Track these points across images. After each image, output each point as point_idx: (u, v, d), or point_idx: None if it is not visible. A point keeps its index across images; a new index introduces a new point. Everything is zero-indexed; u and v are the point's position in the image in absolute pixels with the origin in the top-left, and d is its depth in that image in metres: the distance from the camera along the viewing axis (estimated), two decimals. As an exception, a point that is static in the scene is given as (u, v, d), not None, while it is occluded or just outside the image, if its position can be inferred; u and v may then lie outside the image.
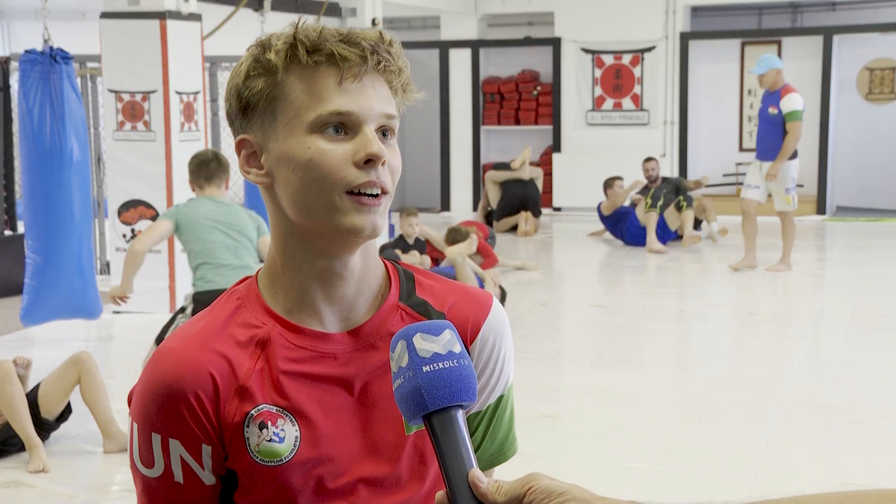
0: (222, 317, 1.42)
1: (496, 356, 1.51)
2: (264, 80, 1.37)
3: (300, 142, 1.35)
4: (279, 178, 1.38)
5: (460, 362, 1.23)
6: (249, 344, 1.39)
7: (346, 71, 1.35)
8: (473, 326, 1.48)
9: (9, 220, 9.50)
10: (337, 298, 1.42)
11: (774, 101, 8.99)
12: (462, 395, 1.21)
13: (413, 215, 9.23)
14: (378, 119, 1.37)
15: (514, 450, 1.58)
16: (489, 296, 1.54)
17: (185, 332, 1.41)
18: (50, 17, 7.10)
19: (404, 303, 1.46)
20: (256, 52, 1.38)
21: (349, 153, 1.34)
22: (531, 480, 1.17)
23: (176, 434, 1.37)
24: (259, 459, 1.36)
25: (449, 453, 1.19)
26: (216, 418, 1.36)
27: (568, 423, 5.49)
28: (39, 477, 4.78)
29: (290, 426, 1.37)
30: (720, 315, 8.10)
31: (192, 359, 1.37)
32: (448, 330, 1.25)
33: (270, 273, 1.44)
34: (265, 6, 9.51)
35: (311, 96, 1.35)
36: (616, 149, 13.81)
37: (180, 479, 1.38)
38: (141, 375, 1.41)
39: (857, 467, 4.82)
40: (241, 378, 1.37)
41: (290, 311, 1.42)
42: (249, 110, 1.39)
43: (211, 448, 1.37)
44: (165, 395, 1.36)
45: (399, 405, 1.23)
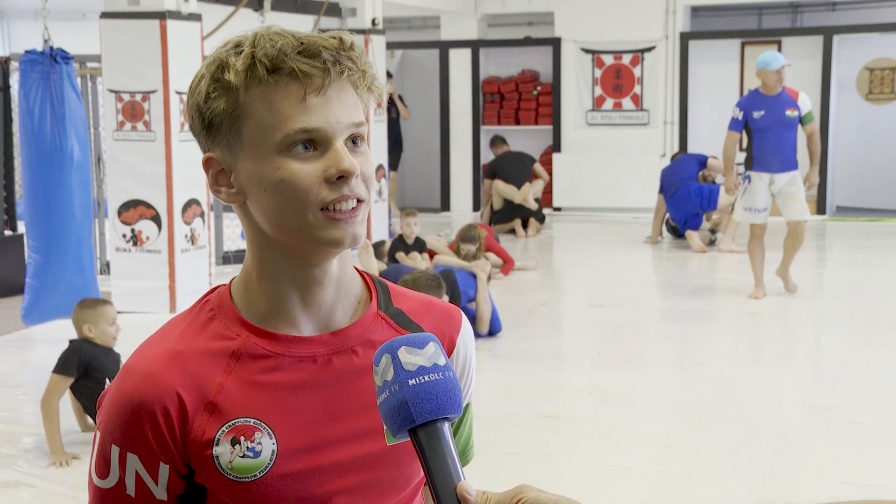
0: (194, 329, 1.40)
1: (468, 368, 1.53)
2: (225, 100, 1.33)
3: (269, 162, 1.33)
4: (251, 196, 1.36)
5: (445, 375, 1.22)
6: (222, 356, 1.37)
7: (309, 86, 1.32)
8: (449, 340, 1.50)
9: (9, 220, 9.50)
10: (315, 304, 1.40)
11: (790, 102, 8.18)
12: (448, 408, 1.21)
13: (412, 215, 9.24)
14: (346, 130, 1.34)
15: (471, 454, 1.61)
16: (459, 311, 1.55)
17: (155, 347, 1.39)
18: (50, 17, 7.10)
19: (384, 312, 1.46)
20: (214, 71, 1.34)
21: (320, 170, 1.32)
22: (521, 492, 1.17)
23: (135, 449, 1.35)
24: (232, 476, 1.34)
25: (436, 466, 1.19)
26: (181, 437, 1.34)
27: (568, 423, 5.49)
28: (39, 477, 4.78)
29: (266, 439, 1.35)
30: (720, 315, 8.10)
31: (159, 378, 1.35)
32: (432, 343, 1.24)
33: (245, 283, 1.42)
34: (265, 6, 9.51)
35: (276, 115, 1.32)
36: (616, 149, 13.82)
37: (132, 492, 1.36)
38: (110, 387, 1.40)
39: (857, 467, 4.82)
40: (210, 394, 1.35)
41: (265, 319, 1.40)
42: (213, 129, 1.36)
43: (169, 467, 1.36)
44: (130, 411, 1.35)
45: (384, 419, 1.22)
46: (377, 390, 1.23)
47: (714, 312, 8.24)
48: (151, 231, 8.01)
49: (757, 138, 8.21)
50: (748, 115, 8.17)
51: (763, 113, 8.13)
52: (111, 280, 8.30)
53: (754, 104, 8.18)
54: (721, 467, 4.82)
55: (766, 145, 8.16)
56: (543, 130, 14.40)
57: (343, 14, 11.26)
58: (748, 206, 8.28)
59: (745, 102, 8.26)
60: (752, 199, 8.24)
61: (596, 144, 13.93)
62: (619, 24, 13.69)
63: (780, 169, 8.17)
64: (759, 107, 8.15)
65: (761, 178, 8.20)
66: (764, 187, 8.20)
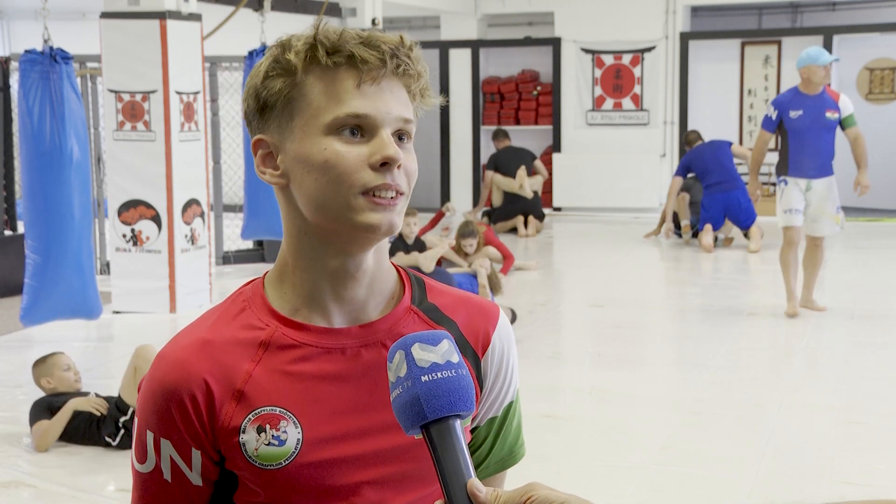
0: (225, 319, 1.43)
1: (506, 364, 1.53)
2: (283, 80, 1.37)
3: (316, 143, 1.35)
4: (295, 178, 1.38)
5: (458, 372, 1.22)
6: (251, 346, 1.40)
7: (365, 73, 1.35)
8: (484, 337, 1.50)
9: (9, 220, 9.50)
10: (348, 299, 1.42)
11: (830, 104, 7.50)
12: (460, 405, 1.21)
13: (411, 215, 9.24)
14: (395, 123, 1.37)
15: (522, 453, 1.60)
16: (496, 306, 1.55)
17: (187, 337, 1.42)
18: (50, 17, 7.10)
19: (417, 306, 1.47)
20: (276, 53, 1.38)
21: (365, 155, 1.35)
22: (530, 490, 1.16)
23: (168, 435, 1.39)
24: (258, 463, 1.37)
25: (447, 463, 1.19)
26: (210, 424, 1.37)
27: (568, 423, 5.49)
28: (39, 477, 4.78)
29: (292, 428, 1.37)
30: (720, 315, 8.10)
31: (188, 365, 1.38)
32: (446, 340, 1.25)
33: (280, 273, 1.44)
34: (265, 6, 9.51)
35: (330, 98, 1.35)
36: (616, 149, 13.82)
37: (168, 477, 1.40)
38: (145, 374, 1.44)
39: (857, 467, 4.82)
40: (238, 382, 1.38)
41: (297, 310, 1.42)
42: (267, 110, 1.39)
43: (200, 452, 1.39)
44: (161, 398, 1.38)
45: (396, 415, 1.22)
46: (390, 386, 1.23)
47: (714, 312, 8.23)
48: (151, 231, 8.01)
49: (793, 140, 7.56)
50: (784, 114, 7.55)
51: (801, 113, 7.50)
52: (111, 280, 8.30)
53: (792, 103, 7.54)
54: (721, 467, 4.82)
55: (802, 148, 7.53)
56: (543, 130, 14.40)
57: (343, 14, 11.26)
58: (787, 208, 7.62)
59: (782, 101, 7.62)
60: (790, 199, 7.62)
61: (596, 144, 13.93)
62: (619, 24, 13.69)
63: (816, 174, 7.55)
64: (798, 106, 7.51)
65: (797, 184, 7.59)
66: (799, 192, 7.59)
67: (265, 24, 9.40)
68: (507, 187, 12.53)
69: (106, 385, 6.35)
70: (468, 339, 1.48)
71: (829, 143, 7.55)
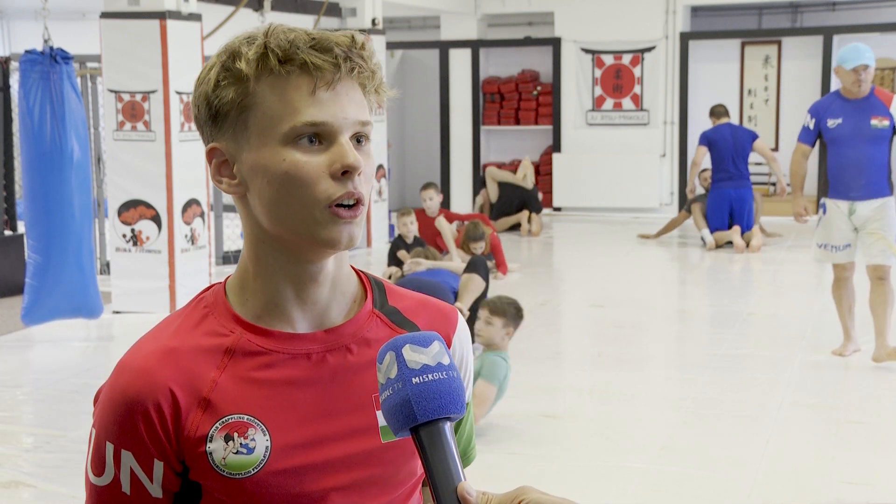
0: (188, 326, 1.40)
1: (465, 367, 1.53)
2: (235, 89, 1.34)
3: (274, 153, 1.33)
4: (253, 188, 1.36)
5: (449, 374, 1.22)
6: (216, 353, 1.37)
7: (319, 80, 1.33)
8: (445, 339, 1.49)
9: (9, 220, 9.50)
10: (310, 301, 1.40)
11: (878, 109, 6.25)
12: (451, 408, 1.20)
13: (408, 214, 9.26)
14: (353, 127, 1.35)
15: (474, 454, 1.60)
16: (455, 310, 1.55)
17: (150, 344, 1.39)
18: (50, 17, 7.11)
19: (379, 310, 1.46)
20: (225, 60, 1.35)
21: (325, 164, 1.33)
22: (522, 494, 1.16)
23: (129, 446, 1.35)
24: (226, 472, 1.34)
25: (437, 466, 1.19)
26: (175, 434, 1.35)
27: (568, 423, 5.49)
28: (39, 477, 4.78)
29: (260, 436, 1.35)
30: (720, 315, 8.10)
31: (152, 374, 1.35)
32: (437, 341, 1.24)
33: (241, 279, 1.42)
34: (265, 6, 9.51)
35: (285, 106, 1.32)
36: (616, 149, 13.81)
37: (127, 490, 1.37)
38: (105, 383, 1.40)
39: (857, 467, 4.82)
40: (204, 390, 1.35)
41: (260, 316, 1.40)
42: (220, 118, 1.36)
43: (163, 464, 1.36)
44: (123, 408, 1.35)
45: (386, 417, 1.21)
46: (380, 388, 1.22)
47: (714, 312, 8.24)
48: (151, 231, 8.01)
49: (832, 154, 6.40)
50: (821, 122, 6.38)
51: (840, 121, 6.30)
52: (111, 280, 8.30)
53: (830, 110, 6.36)
54: (721, 467, 4.82)
55: (843, 163, 6.34)
56: (543, 130, 14.40)
57: (343, 14, 11.26)
58: (823, 243, 6.45)
59: (820, 107, 6.45)
60: (828, 233, 6.42)
61: (596, 144, 13.93)
62: (619, 24, 13.69)
63: (862, 195, 6.31)
64: (837, 113, 6.31)
65: (838, 208, 6.40)
66: (842, 218, 6.37)
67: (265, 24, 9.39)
68: (504, 179, 12.53)
69: (106, 385, 6.35)
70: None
71: (876, 157, 6.26)
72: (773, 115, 13.72)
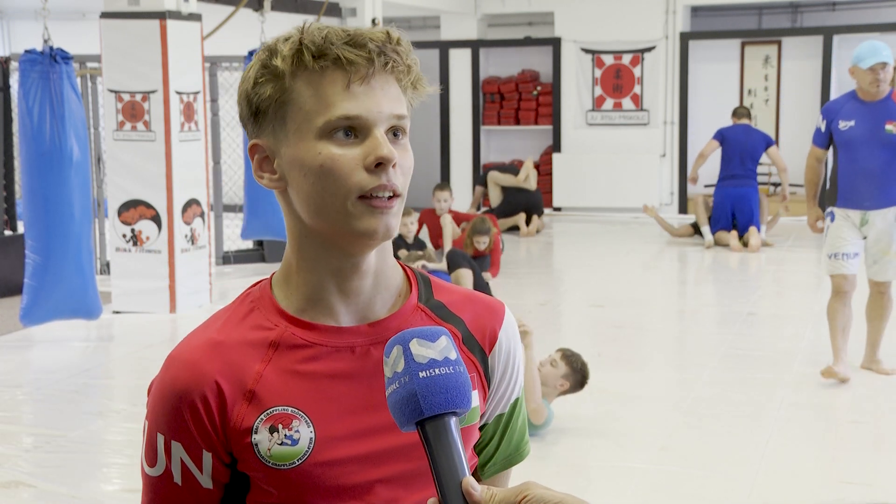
0: (234, 321, 1.43)
1: (512, 361, 1.53)
2: (272, 86, 1.37)
3: (311, 147, 1.36)
4: (292, 182, 1.39)
5: (456, 369, 1.22)
6: (261, 346, 1.40)
7: (354, 74, 1.35)
8: (491, 334, 1.51)
9: (9, 220, 9.50)
10: (353, 293, 1.42)
11: (893, 112, 5.86)
12: (457, 402, 1.21)
13: (408, 215, 9.28)
14: (388, 120, 1.37)
15: (528, 450, 1.60)
16: (502, 304, 1.56)
17: (197, 338, 1.43)
18: (50, 17, 7.10)
19: (424, 304, 1.48)
20: (264, 58, 1.39)
21: (359, 157, 1.35)
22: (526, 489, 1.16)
23: (179, 437, 1.39)
24: (271, 463, 1.37)
25: (442, 461, 1.19)
26: (222, 426, 1.38)
27: (568, 423, 5.48)
28: (39, 477, 4.78)
29: (304, 427, 1.37)
30: (720, 315, 8.10)
31: (198, 367, 1.38)
32: (444, 336, 1.24)
33: (286, 274, 1.45)
34: (265, 6, 9.51)
35: (320, 101, 1.35)
36: (616, 149, 13.81)
37: (178, 480, 1.40)
38: (156, 376, 1.44)
39: (857, 467, 4.82)
40: (249, 383, 1.38)
41: (304, 310, 1.42)
42: (260, 116, 1.40)
43: (212, 455, 1.39)
44: (171, 400, 1.39)
45: (392, 411, 1.22)
46: (386, 381, 1.23)
47: (714, 312, 8.24)
48: (151, 231, 8.01)
49: (843, 159, 6.00)
50: (833, 124, 5.98)
51: (852, 124, 5.90)
52: (111, 280, 8.30)
53: (843, 111, 5.95)
54: (721, 467, 4.82)
55: (854, 169, 5.96)
56: (543, 130, 14.40)
57: (343, 14, 11.26)
58: (833, 252, 6.07)
59: (832, 108, 6.05)
60: (837, 241, 6.05)
61: (596, 144, 13.93)
62: (619, 24, 13.69)
63: (874, 204, 5.95)
64: (850, 115, 5.92)
65: (848, 217, 6.04)
66: (852, 228, 6.03)
67: (265, 24, 9.39)
68: (507, 183, 12.51)
69: (106, 385, 6.36)
70: (475, 337, 1.49)
71: (891, 163, 5.90)
72: (773, 115, 13.71)
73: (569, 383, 5.27)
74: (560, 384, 5.26)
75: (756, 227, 10.96)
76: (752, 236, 10.82)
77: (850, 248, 6.01)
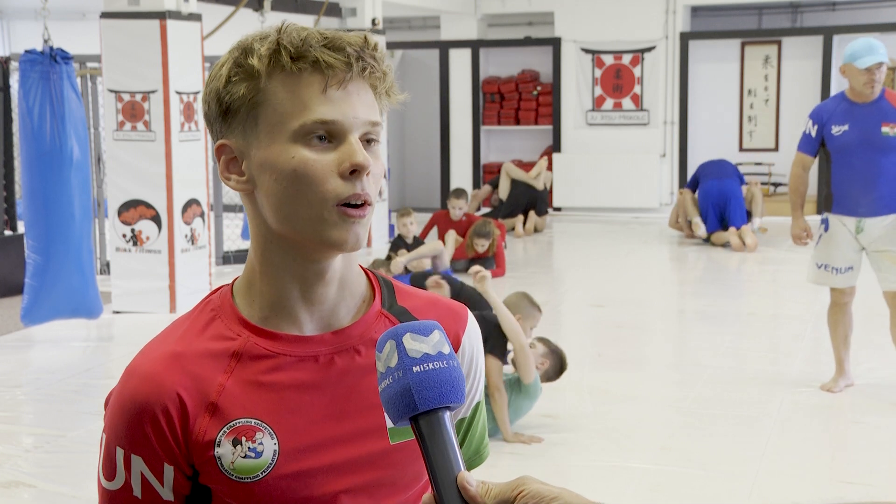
0: (195, 331, 1.40)
1: (475, 366, 1.52)
2: (246, 85, 1.34)
3: (284, 150, 1.33)
4: (261, 185, 1.35)
5: (450, 363, 1.21)
6: (223, 357, 1.37)
7: (331, 78, 1.32)
8: (454, 339, 1.49)
9: (9, 220, 9.50)
10: (317, 300, 1.40)
11: (889, 114, 5.57)
12: (451, 397, 1.20)
13: (407, 215, 9.28)
14: (362, 127, 1.35)
15: (487, 453, 1.61)
16: (465, 308, 1.55)
17: (157, 349, 1.39)
18: (50, 17, 7.10)
19: (387, 310, 1.46)
20: (238, 56, 1.35)
21: (334, 163, 1.32)
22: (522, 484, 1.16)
23: (139, 451, 1.36)
24: (235, 477, 1.34)
25: (437, 455, 1.18)
26: (184, 439, 1.35)
27: (568, 423, 5.48)
28: (39, 477, 4.78)
29: (268, 439, 1.35)
30: (720, 315, 8.10)
31: (159, 379, 1.35)
32: (437, 331, 1.23)
33: (248, 280, 1.42)
34: (265, 6, 9.51)
35: (295, 103, 1.32)
36: (616, 149, 13.82)
37: (139, 494, 1.37)
38: (114, 388, 1.40)
39: (857, 467, 4.83)
40: (211, 395, 1.35)
41: (267, 318, 1.39)
42: (230, 115, 1.36)
43: (173, 468, 1.36)
44: (132, 413, 1.35)
45: (385, 406, 1.20)
46: (379, 377, 1.21)
47: (714, 312, 8.23)
48: (151, 231, 8.01)
49: (837, 164, 5.69)
50: (825, 129, 5.67)
51: (846, 128, 5.59)
52: (111, 280, 8.30)
53: (835, 115, 5.64)
54: (721, 467, 4.82)
55: (849, 175, 5.65)
56: (543, 130, 14.40)
57: (343, 14, 11.26)
58: (822, 263, 5.79)
59: (823, 111, 5.71)
60: (829, 253, 5.76)
61: (596, 144, 13.93)
62: (619, 24, 13.69)
63: (870, 211, 5.66)
64: (843, 118, 5.61)
65: (843, 224, 5.73)
66: (848, 237, 5.72)
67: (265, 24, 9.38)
68: (518, 177, 12.53)
69: (106, 385, 6.36)
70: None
71: (888, 168, 5.60)
72: (772, 115, 13.71)
73: (548, 361, 5.39)
74: (540, 363, 5.36)
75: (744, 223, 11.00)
76: (746, 235, 10.83)
77: (840, 262, 5.74)
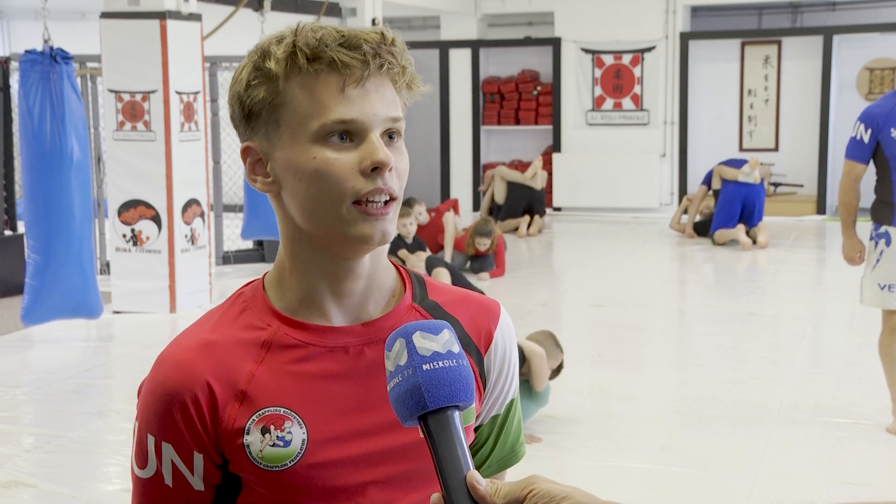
0: (226, 320, 1.42)
1: (508, 362, 1.52)
2: (265, 88, 1.35)
3: (305, 151, 1.34)
4: (286, 186, 1.37)
5: (459, 362, 1.21)
6: (253, 346, 1.39)
7: (349, 77, 1.33)
8: (487, 334, 1.49)
9: (9, 220, 9.50)
10: (346, 293, 1.41)
11: None
12: (460, 396, 1.19)
13: (407, 215, 9.28)
14: (383, 123, 1.35)
15: (523, 451, 1.59)
16: (497, 304, 1.55)
17: (189, 338, 1.41)
18: (50, 17, 7.10)
19: (418, 304, 1.46)
20: (256, 59, 1.36)
21: (355, 161, 1.33)
22: (531, 483, 1.15)
23: (169, 439, 1.37)
24: (263, 465, 1.35)
25: (446, 455, 1.17)
26: (213, 427, 1.36)
27: (568, 423, 5.49)
28: (39, 477, 4.78)
29: (297, 428, 1.36)
30: (720, 315, 8.10)
31: (190, 367, 1.36)
32: (447, 329, 1.23)
33: (279, 275, 1.44)
34: (265, 6, 9.51)
35: (314, 104, 1.33)
36: (616, 149, 13.82)
37: (169, 482, 1.38)
38: (146, 377, 1.42)
39: (857, 467, 4.82)
40: (241, 383, 1.36)
41: (297, 310, 1.41)
42: (252, 118, 1.37)
43: (202, 456, 1.37)
44: (162, 401, 1.37)
45: (394, 405, 1.20)
46: (388, 375, 1.21)
47: (714, 312, 8.23)
48: (151, 231, 8.01)
49: None
50: (881, 132, 4.99)
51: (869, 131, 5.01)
52: (111, 280, 8.30)
53: (893, 116, 4.94)
54: (721, 467, 4.82)
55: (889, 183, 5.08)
56: (543, 130, 14.40)
57: (343, 14, 11.26)
58: (885, 283, 5.08)
59: (877, 113, 4.99)
60: (891, 270, 5.08)
61: (596, 144, 13.93)
62: (619, 24, 13.69)
63: None
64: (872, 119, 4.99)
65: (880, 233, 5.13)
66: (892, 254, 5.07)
67: (265, 24, 9.40)
68: (514, 178, 12.51)
69: (106, 385, 6.36)
70: (471, 337, 1.48)
71: None
72: (772, 115, 13.72)
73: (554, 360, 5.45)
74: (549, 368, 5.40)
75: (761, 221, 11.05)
76: (760, 232, 10.86)
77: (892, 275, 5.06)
